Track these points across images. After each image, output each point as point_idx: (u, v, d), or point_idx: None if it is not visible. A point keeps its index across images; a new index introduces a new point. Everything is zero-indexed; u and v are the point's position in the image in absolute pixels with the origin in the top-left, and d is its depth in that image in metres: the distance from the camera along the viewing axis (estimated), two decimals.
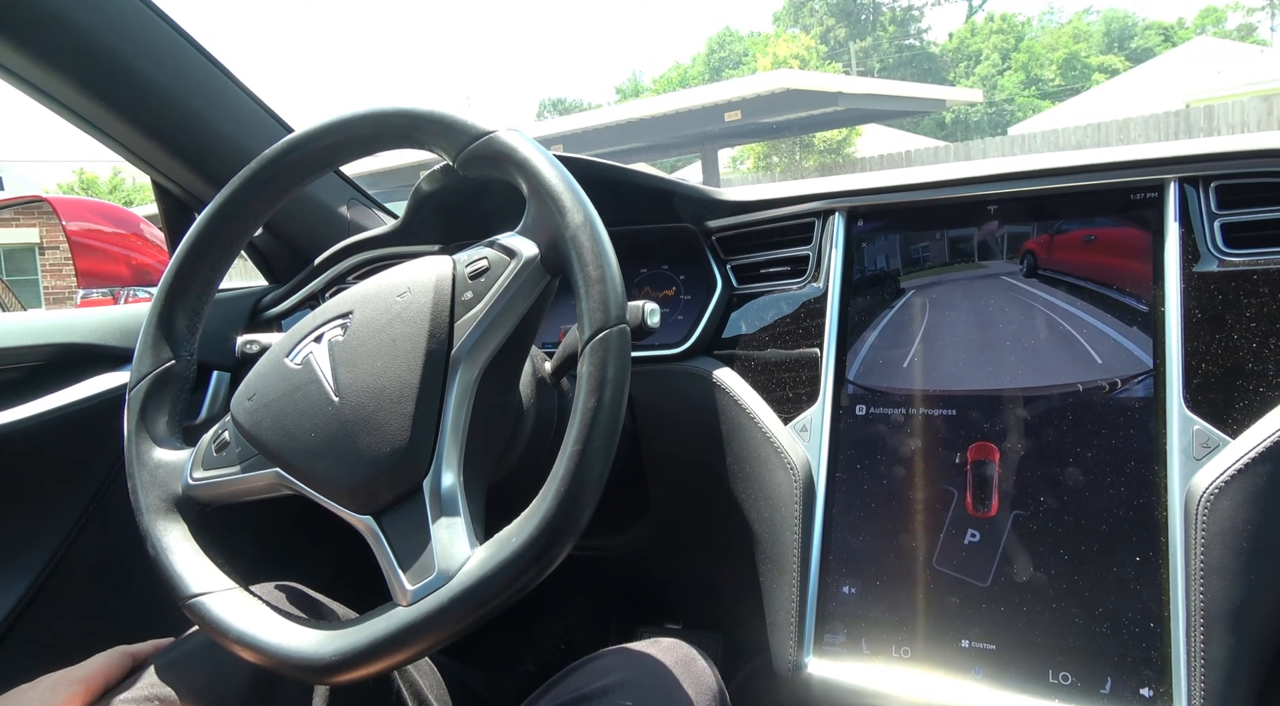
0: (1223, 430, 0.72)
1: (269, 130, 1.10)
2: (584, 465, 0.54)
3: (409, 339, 0.60)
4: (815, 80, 13.39)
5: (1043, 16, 44.84)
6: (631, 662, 0.72)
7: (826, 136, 20.41)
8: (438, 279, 0.62)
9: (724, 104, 13.20)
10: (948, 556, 0.79)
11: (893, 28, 41.90)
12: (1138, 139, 11.26)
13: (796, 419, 0.88)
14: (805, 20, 42.30)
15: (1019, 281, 0.83)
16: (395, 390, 0.59)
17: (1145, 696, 0.70)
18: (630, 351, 0.57)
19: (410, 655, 0.54)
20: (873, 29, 41.61)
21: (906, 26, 42.33)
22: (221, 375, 1.06)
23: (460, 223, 1.08)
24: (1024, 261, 0.84)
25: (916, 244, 0.89)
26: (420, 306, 0.61)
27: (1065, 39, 37.05)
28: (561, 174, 0.60)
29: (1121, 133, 11.79)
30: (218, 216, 0.72)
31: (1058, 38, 37.69)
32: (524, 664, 1.32)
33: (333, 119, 0.69)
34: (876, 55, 40.62)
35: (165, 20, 0.98)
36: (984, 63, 36.47)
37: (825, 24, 41.23)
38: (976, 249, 0.86)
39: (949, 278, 0.87)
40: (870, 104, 14.24)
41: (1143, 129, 11.50)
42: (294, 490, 0.63)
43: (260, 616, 0.59)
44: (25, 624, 0.88)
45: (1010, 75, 35.01)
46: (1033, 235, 0.84)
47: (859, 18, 41.71)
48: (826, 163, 19.75)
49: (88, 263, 2.52)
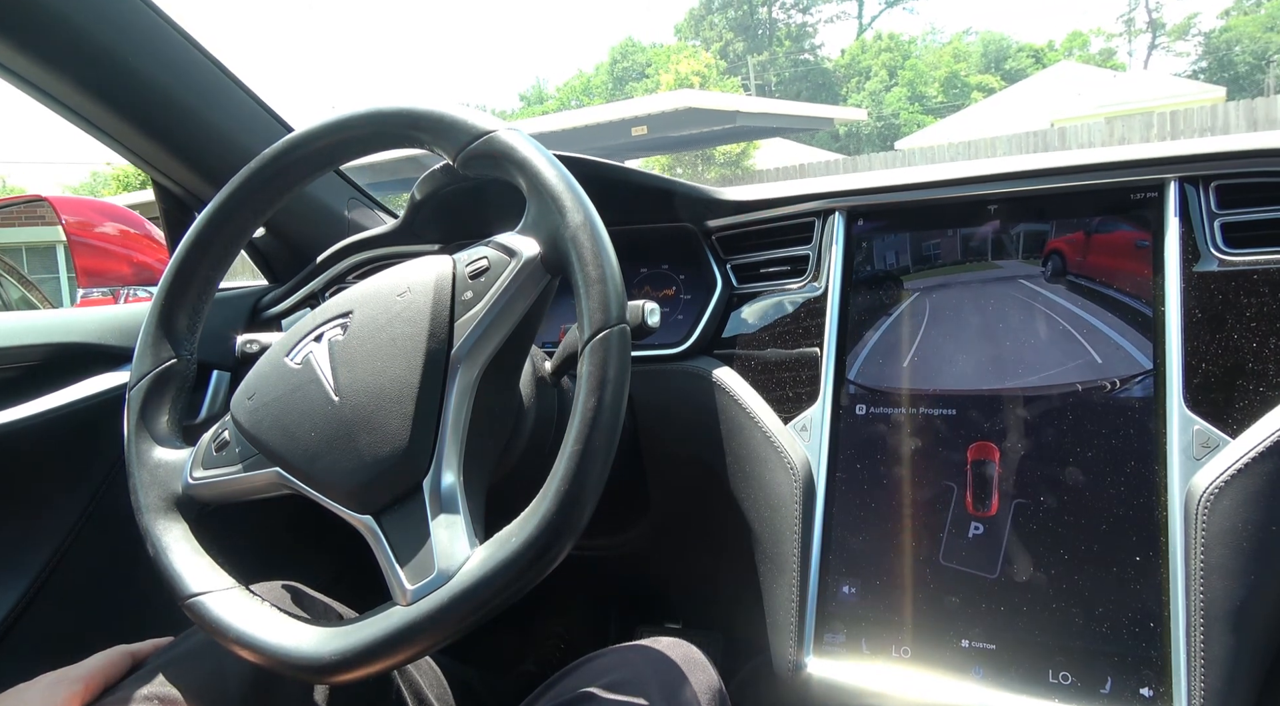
0: (1223, 430, 0.72)
1: (269, 129, 1.10)
2: (584, 465, 0.54)
3: (409, 339, 0.60)
4: (714, 99, 14.76)
5: (925, 37, 48.08)
6: (631, 662, 0.72)
7: (726, 150, 21.64)
8: (438, 278, 0.62)
9: (631, 119, 14.31)
10: (952, 552, 0.79)
11: (789, 43, 44.02)
12: (1002, 156, 12.52)
13: (796, 418, 0.88)
14: (706, 34, 44.28)
15: (1039, 286, 0.82)
16: (395, 390, 0.59)
17: (1145, 696, 0.70)
18: (630, 351, 0.57)
19: (410, 655, 0.54)
20: (769, 44, 43.65)
21: (801, 42, 44.50)
22: (221, 374, 1.06)
23: (460, 222, 1.08)
24: (1048, 264, 0.83)
25: (916, 243, 0.89)
26: (420, 306, 0.61)
27: (947, 58, 39.74)
28: (561, 173, 0.60)
29: (989, 150, 12.63)
30: (218, 215, 0.72)
31: (940, 57, 40.40)
32: (524, 663, 1.32)
33: (333, 118, 0.69)
34: (773, 69, 42.57)
35: (165, 20, 0.98)
36: (873, 79, 38.73)
37: (724, 38, 43.26)
38: (989, 248, 0.86)
39: (951, 277, 0.87)
40: (764, 122, 15.46)
41: (1007, 147, 12.43)
42: (294, 490, 0.63)
43: (260, 616, 0.59)
44: (25, 623, 0.87)
45: (897, 91, 37.40)
46: (1051, 234, 0.83)
47: (756, 32, 43.84)
48: (726, 175, 20.92)
49: (88, 261, 2.51)
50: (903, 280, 0.88)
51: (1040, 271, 0.83)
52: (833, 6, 45.70)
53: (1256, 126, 10.19)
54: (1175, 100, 16.60)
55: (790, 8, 44.94)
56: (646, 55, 44.85)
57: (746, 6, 43.77)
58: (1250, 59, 34.77)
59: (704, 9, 44.84)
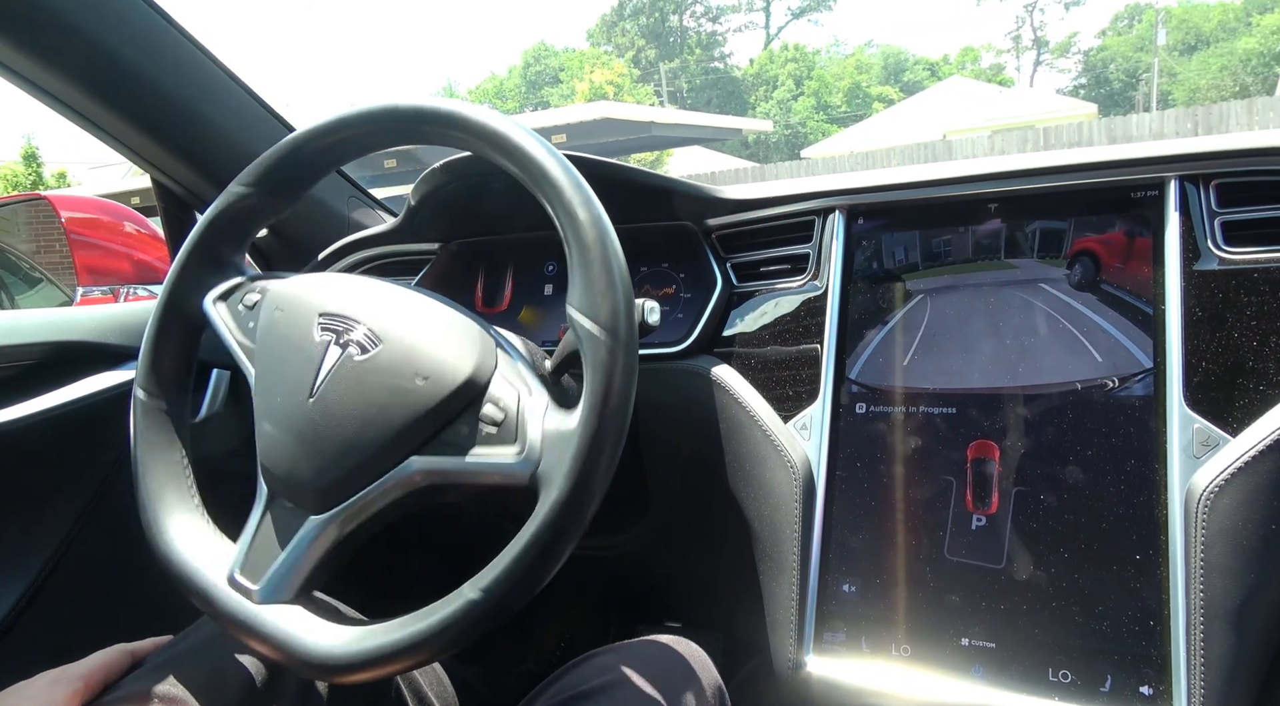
0: (1223, 428, 0.72)
1: (270, 129, 1.10)
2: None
3: (398, 419, 0.59)
4: (630, 111, 15.97)
5: (829, 48, 50.51)
6: (629, 660, 0.72)
7: (641, 157, 22.65)
8: (453, 392, 0.59)
9: (550, 128, 15.20)
10: (954, 550, 0.79)
11: (699, 50, 45.53)
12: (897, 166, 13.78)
13: (796, 417, 0.88)
14: (618, 40, 45.46)
15: (1039, 285, 0.82)
16: (366, 440, 0.59)
17: (1145, 694, 0.70)
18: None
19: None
20: (681, 51, 45.05)
21: (711, 50, 46.09)
22: (221, 373, 1.06)
23: (460, 221, 1.08)
24: (1074, 267, 0.81)
25: (916, 242, 0.89)
26: (423, 399, 0.59)
27: (850, 69, 41.90)
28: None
29: (886, 160, 13.34)
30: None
31: (843, 68, 42.58)
32: (524, 663, 1.32)
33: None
34: (685, 76, 43.91)
35: (165, 19, 0.98)
36: (780, 88, 40.27)
37: (636, 44, 44.47)
38: (989, 247, 0.86)
39: (951, 276, 0.87)
40: (676, 132, 16.48)
41: (901, 158, 13.08)
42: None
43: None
44: (24, 622, 0.87)
45: (804, 100, 38.94)
46: (1069, 233, 0.81)
47: (668, 39, 45.24)
48: None
49: (87, 258, 2.51)
50: (903, 278, 0.88)
51: (1039, 270, 0.83)
52: (741, 16, 47.84)
53: (1116, 141, 10.97)
54: (1052, 116, 18.61)
55: (700, 16, 46.74)
56: (560, 59, 46.10)
57: (658, 14, 45.18)
58: (1123, 77, 38.68)
59: (616, 15, 46.05)
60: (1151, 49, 33.68)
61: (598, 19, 46.68)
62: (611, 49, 45.17)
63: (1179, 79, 32.95)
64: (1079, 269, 0.81)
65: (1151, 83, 30.59)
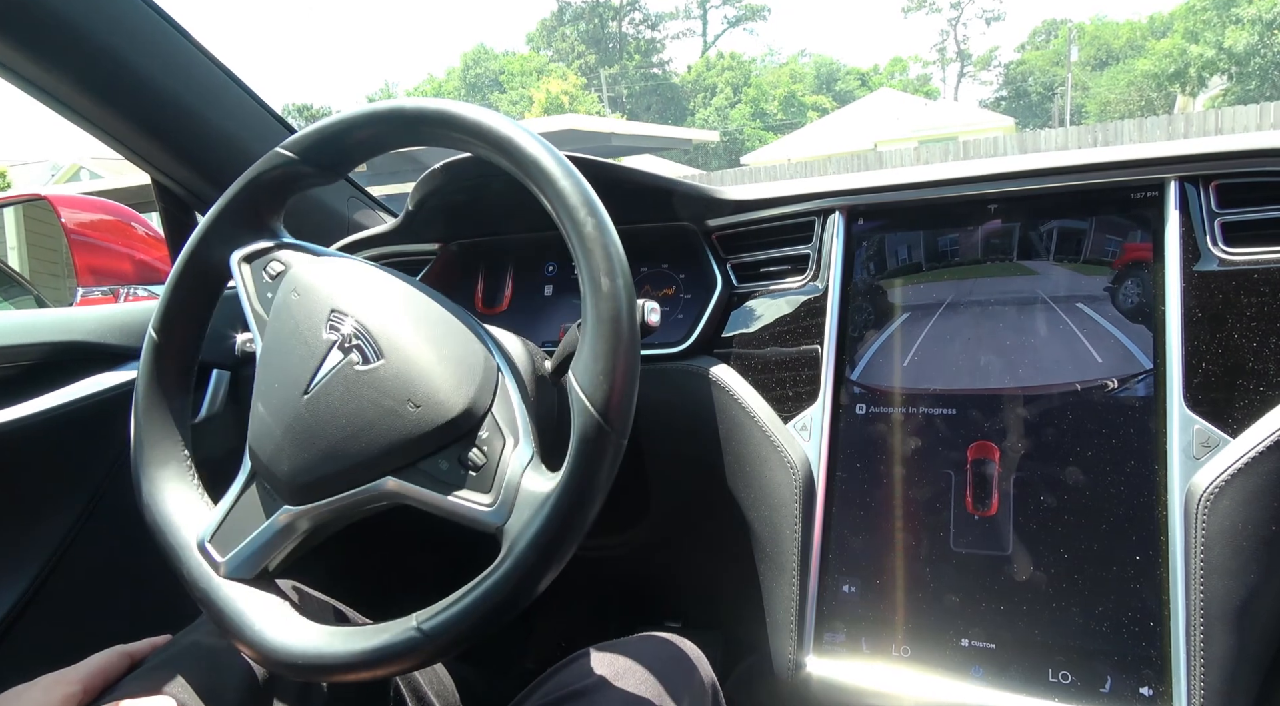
0: (1223, 429, 0.71)
1: (270, 129, 1.10)
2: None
3: (382, 441, 0.59)
4: (592, 122, 17.26)
5: (765, 57, 51.87)
6: (620, 659, 0.72)
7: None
8: (442, 424, 0.59)
9: None
10: (956, 547, 0.79)
11: (638, 57, 46.31)
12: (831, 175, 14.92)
13: (796, 417, 0.88)
14: (558, 45, 46.17)
15: (1039, 285, 0.82)
16: (353, 450, 0.59)
17: (1145, 695, 0.70)
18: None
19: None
20: (620, 57, 45.75)
21: (650, 57, 46.87)
22: (221, 373, 1.06)
23: (460, 221, 1.08)
24: (1120, 281, 0.79)
25: (916, 243, 0.89)
26: (410, 426, 0.59)
27: (785, 78, 43.10)
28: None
29: (823, 168, 13.90)
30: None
31: (779, 76, 43.73)
32: (523, 662, 1.32)
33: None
34: (624, 82, 44.65)
35: (165, 19, 0.98)
36: (719, 95, 41.33)
37: (576, 49, 45.26)
38: (989, 247, 0.86)
39: (951, 278, 0.87)
40: (633, 142, 17.78)
41: (837, 166, 13.58)
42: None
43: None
44: (24, 624, 0.87)
45: (741, 108, 39.97)
46: (1088, 232, 0.81)
47: (608, 45, 45.99)
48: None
49: (88, 259, 2.51)
50: (903, 279, 0.88)
51: (1040, 270, 0.83)
52: (679, 23, 48.73)
53: (1026, 151, 11.37)
54: (973, 127, 20.16)
55: (639, 23, 47.38)
56: (500, 63, 46.51)
57: (598, 20, 45.87)
58: (1041, 89, 40.49)
59: (556, 20, 46.54)
60: (1066, 64, 34.83)
61: (537, 23, 47.29)
62: (551, 53, 45.83)
63: (1091, 93, 33.89)
64: (1121, 284, 0.79)
65: (1066, 96, 31.58)
